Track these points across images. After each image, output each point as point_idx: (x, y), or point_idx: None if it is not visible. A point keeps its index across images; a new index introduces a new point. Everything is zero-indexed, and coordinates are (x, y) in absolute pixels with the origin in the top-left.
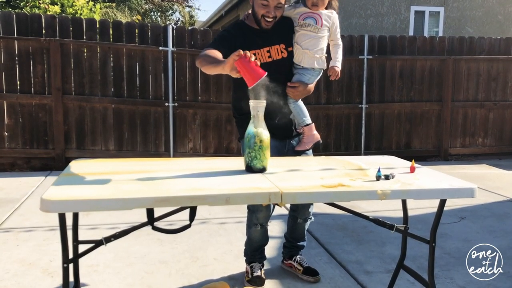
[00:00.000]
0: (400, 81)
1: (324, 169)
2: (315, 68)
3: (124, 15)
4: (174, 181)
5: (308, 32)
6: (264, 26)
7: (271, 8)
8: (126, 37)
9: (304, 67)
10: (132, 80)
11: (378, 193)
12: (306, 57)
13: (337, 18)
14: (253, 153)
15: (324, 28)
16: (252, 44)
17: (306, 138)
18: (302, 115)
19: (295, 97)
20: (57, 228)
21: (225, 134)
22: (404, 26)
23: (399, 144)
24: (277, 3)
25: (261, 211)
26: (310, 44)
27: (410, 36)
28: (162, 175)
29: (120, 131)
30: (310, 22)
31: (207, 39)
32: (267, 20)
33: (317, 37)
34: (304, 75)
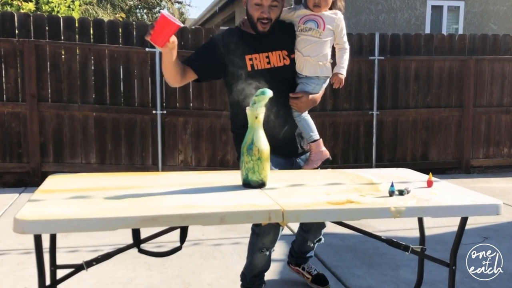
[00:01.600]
0: (416, 84)
1: (331, 183)
2: (319, 77)
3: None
4: (162, 198)
5: (309, 37)
6: (261, 30)
7: (265, 8)
8: (108, 37)
9: (307, 76)
10: (115, 85)
11: (392, 211)
12: (308, 65)
13: (342, 19)
14: (250, 165)
15: (328, 32)
16: (248, 49)
17: (314, 155)
18: (309, 130)
19: (299, 109)
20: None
21: (219, 145)
22: (419, 22)
23: (415, 155)
24: (271, 2)
25: (268, 234)
26: (312, 50)
27: (426, 34)
28: (150, 191)
29: (102, 142)
30: (311, 25)
31: (199, 39)
32: (263, 23)
33: (320, 42)
34: (308, 84)
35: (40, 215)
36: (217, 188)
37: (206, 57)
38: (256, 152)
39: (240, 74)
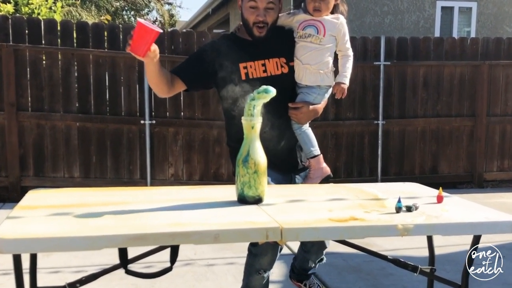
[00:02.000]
0: (424, 91)
1: (333, 199)
2: (321, 86)
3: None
4: (151, 215)
5: (309, 43)
6: (257, 35)
7: (261, 11)
8: (93, 41)
9: (308, 85)
10: (100, 93)
11: (399, 228)
12: (307, 74)
13: (344, 24)
14: (246, 179)
15: (328, 38)
16: (242, 56)
17: (313, 172)
18: (309, 144)
19: (299, 120)
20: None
21: (213, 158)
22: (428, 25)
23: (424, 168)
24: (267, 4)
25: (265, 254)
26: (312, 58)
27: (436, 37)
28: (138, 208)
29: (86, 154)
30: (310, 31)
31: (191, 43)
32: (259, 27)
33: (320, 49)
34: (309, 94)
35: (20, 234)
36: (210, 204)
37: (195, 66)
38: (252, 165)
39: (233, 84)
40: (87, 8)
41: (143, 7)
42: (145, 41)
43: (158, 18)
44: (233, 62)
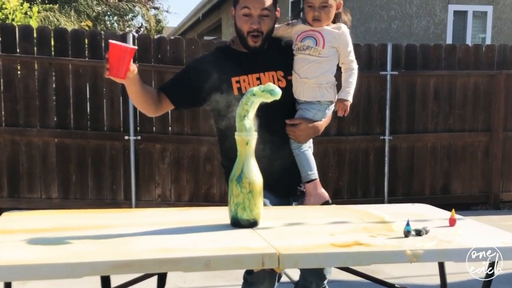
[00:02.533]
0: (435, 104)
1: (335, 222)
2: (321, 102)
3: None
4: (137, 240)
5: (307, 56)
6: (252, 45)
7: (255, 18)
8: (72, 50)
9: (306, 101)
10: (81, 105)
11: (407, 254)
12: (306, 88)
13: (347, 34)
14: (240, 200)
15: (328, 50)
16: (235, 70)
17: (309, 198)
18: (306, 167)
19: (297, 138)
20: None
21: (203, 176)
22: (439, 31)
23: (434, 188)
24: (261, 11)
25: (262, 283)
26: (310, 71)
27: (448, 44)
28: (122, 232)
29: (65, 173)
30: (309, 43)
31: (179, 50)
32: (254, 36)
33: (319, 62)
34: (308, 110)
35: None
36: (200, 228)
37: (183, 83)
38: (246, 184)
39: (225, 100)
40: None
41: (127, 12)
42: (122, 61)
43: (143, 24)
44: (225, 76)
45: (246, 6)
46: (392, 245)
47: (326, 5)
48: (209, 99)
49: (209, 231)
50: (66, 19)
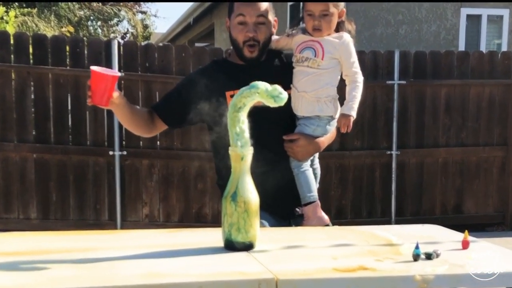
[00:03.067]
0: (447, 116)
1: (338, 245)
2: (320, 116)
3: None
4: (122, 264)
5: (306, 68)
6: (248, 56)
7: (250, 26)
8: (53, 58)
9: (305, 116)
10: (62, 118)
11: (417, 280)
12: (304, 103)
13: (350, 44)
14: (234, 220)
15: (328, 61)
16: (229, 84)
17: (307, 222)
18: (304, 188)
19: (295, 155)
20: None
21: (195, 195)
22: (451, 37)
23: (446, 207)
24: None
25: None
26: (308, 84)
27: (460, 51)
28: (106, 255)
29: (45, 191)
30: (307, 54)
31: (168, 58)
32: (250, 45)
33: (318, 74)
34: (307, 126)
35: None
36: (192, 251)
37: (175, 101)
38: (241, 203)
39: (219, 116)
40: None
41: (111, 16)
42: (104, 89)
43: (129, 29)
44: (219, 91)
45: (241, 13)
46: (400, 270)
47: (327, 13)
48: (204, 116)
49: (201, 255)
50: (45, 24)
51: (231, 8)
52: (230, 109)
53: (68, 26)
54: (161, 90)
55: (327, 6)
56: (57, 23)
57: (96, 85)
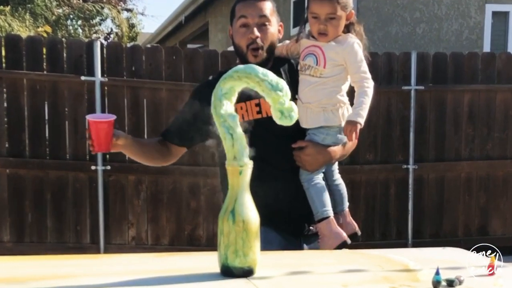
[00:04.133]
0: (470, 125)
1: (349, 270)
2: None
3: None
4: None
5: (308, 77)
6: (253, 61)
7: (253, 28)
8: (28, 61)
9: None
10: (38, 129)
11: None
12: (309, 114)
13: (354, 47)
14: (231, 241)
15: (331, 68)
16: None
17: (322, 240)
18: (317, 203)
19: (304, 164)
20: None
21: (187, 215)
22: (475, 36)
23: (469, 228)
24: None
25: None
26: (311, 94)
27: (485, 52)
28: (87, 283)
29: (19, 211)
30: (309, 62)
31: (158, 61)
32: (254, 49)
33: (321, 83)
34: (316, 135)
35: None
36: (184, 278)
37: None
38: (239, 223)
39: None
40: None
41: (93, 15)
42: (104, 135)
43: (113, 29)
44: None
45: (243, 15)
46: None
47: (334, 16)
48: (211, 132)
49: (195, 282)
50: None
51: (232, 13)
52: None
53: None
54: (149, 97)
55: (334, 9)
56: (32, 23)
57: (95, 134)
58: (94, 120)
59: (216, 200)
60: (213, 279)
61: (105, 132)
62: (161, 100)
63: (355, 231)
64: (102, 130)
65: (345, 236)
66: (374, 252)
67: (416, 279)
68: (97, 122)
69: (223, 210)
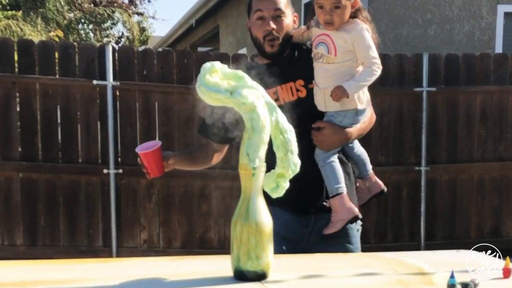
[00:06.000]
0: (482, 126)
1: (362, 273)
2: None
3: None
4: None
5: (322, 64)
6: (269, 51)
7: (268, 21)
8: (40, 66)
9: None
10: (51, 133)
11: None
12: (328, 99)
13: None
14: (244, 246)
15: (342, 54)
16: None
17: (335, 215)
18: (332, 181)
19: (320, 144)
20: None
21: (198, 218)
22: (487, 37)
23: (482, 230)
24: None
25: None
26: (327, 80)
27: (498, 53)
28: (100, 286)
29: (32, 215)
30: (321, 50)
31: (169, 65)
32: (270, 40)
33: (335, 68)
34: (334, 116)
35: None
36: (196, 282)
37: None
38: (253, 226)
39: None
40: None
41: (105, 19)
42: (155, 161)
43: (124, 33)
44: None
45: (259, 9)
46: None
47: (339, 5)
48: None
49: (207, 286)
50: (31, 28)
51: (249, 7)
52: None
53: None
54: (160, 101)
55: None
56: (44, 27)
57: (146, 163)
58: (142, 153)
59: (228, 203)
60: (226, 283)
61: (154, 159)
62: (173, 103)
63: (382, 188)
64: (151, 158)
65: (357, 211)
66: (387, 255)
67: (431, 283)
68: (145, 154)
69: (235, 216)
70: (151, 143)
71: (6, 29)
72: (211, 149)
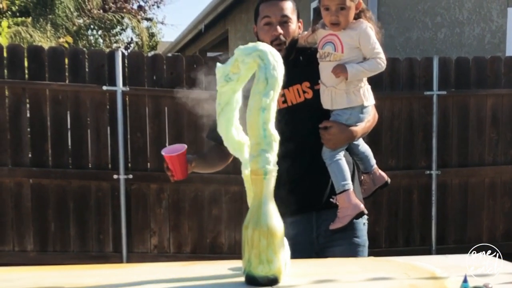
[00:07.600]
0: (493, 130)
1: (374, 278)
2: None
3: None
4: None
5: (328, 63)
6: None
7: (275, 26)
8: (50, 71)
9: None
10: (60, 139)
11: None
12: (334, 97)
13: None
14: (256, 251)
15: (349, 52)
16: None
17: (341, 210)
18: (339, 177)
19: (327, 143)
20: None
21: (209, 223)
22: (497, 40)
23: (494, 234)
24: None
25: None
26: (334, 78)
27: (508, 56)
28: None
29: (43, 220)
30: (328, 49)
31: (178, 70)
32: (277, 44)
33: None
34: (341, 115)
35: None
36: (207, 287)
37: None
38: (264, 231)
39: None
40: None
41: (114, 24)
42: (180, 164)
43: (134, 38)
44: None
45: (266, 15)
46: None
47: (344, 6)
48: None
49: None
50: (41, 35)
51: (256, 13)
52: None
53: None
54: (170, 106)
55: (343, 0)
56: (53, 33)
57: (171, 166)
58: (169, 156)
59: (238, 207)
60: None
61: (179, 162)
62: (183, 108)
63: (386, 180)
64: (176, 162)
65: (363, 207)
66: (399, 260)
67: (444, 287)
68: (171, 157)
69: (246, 221)
70: (177, 146)
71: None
72: (222, 150)
